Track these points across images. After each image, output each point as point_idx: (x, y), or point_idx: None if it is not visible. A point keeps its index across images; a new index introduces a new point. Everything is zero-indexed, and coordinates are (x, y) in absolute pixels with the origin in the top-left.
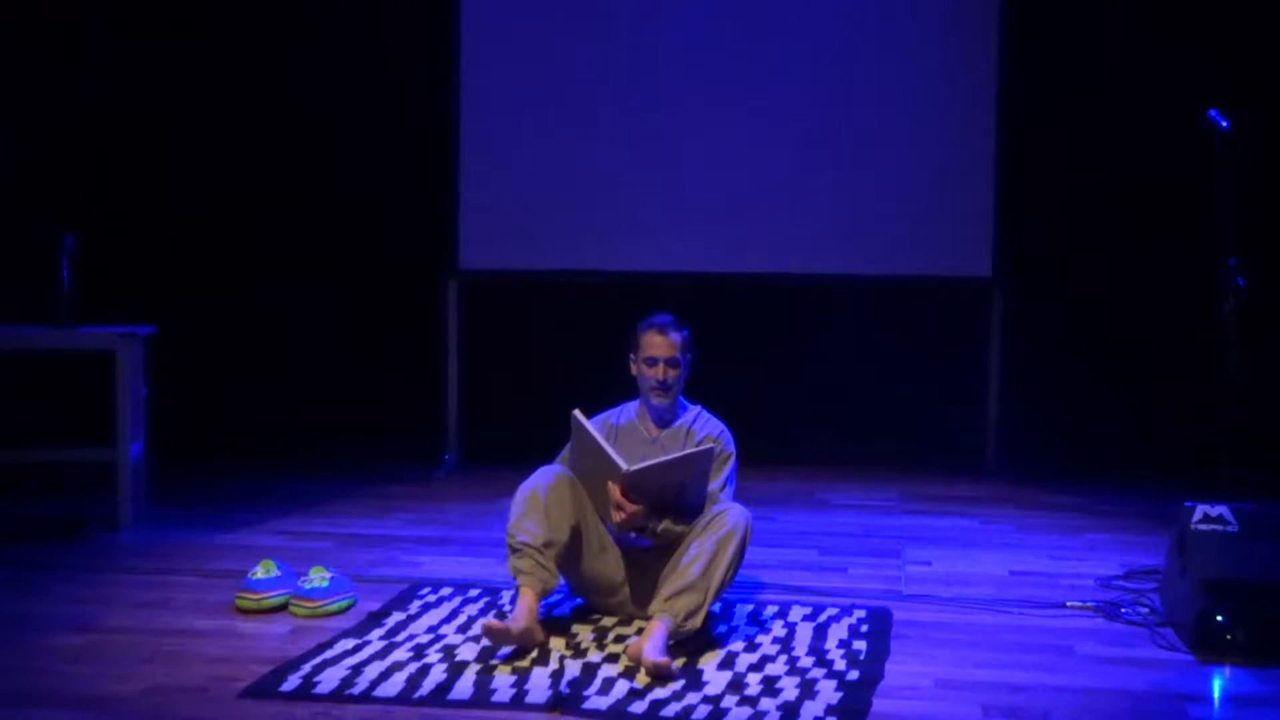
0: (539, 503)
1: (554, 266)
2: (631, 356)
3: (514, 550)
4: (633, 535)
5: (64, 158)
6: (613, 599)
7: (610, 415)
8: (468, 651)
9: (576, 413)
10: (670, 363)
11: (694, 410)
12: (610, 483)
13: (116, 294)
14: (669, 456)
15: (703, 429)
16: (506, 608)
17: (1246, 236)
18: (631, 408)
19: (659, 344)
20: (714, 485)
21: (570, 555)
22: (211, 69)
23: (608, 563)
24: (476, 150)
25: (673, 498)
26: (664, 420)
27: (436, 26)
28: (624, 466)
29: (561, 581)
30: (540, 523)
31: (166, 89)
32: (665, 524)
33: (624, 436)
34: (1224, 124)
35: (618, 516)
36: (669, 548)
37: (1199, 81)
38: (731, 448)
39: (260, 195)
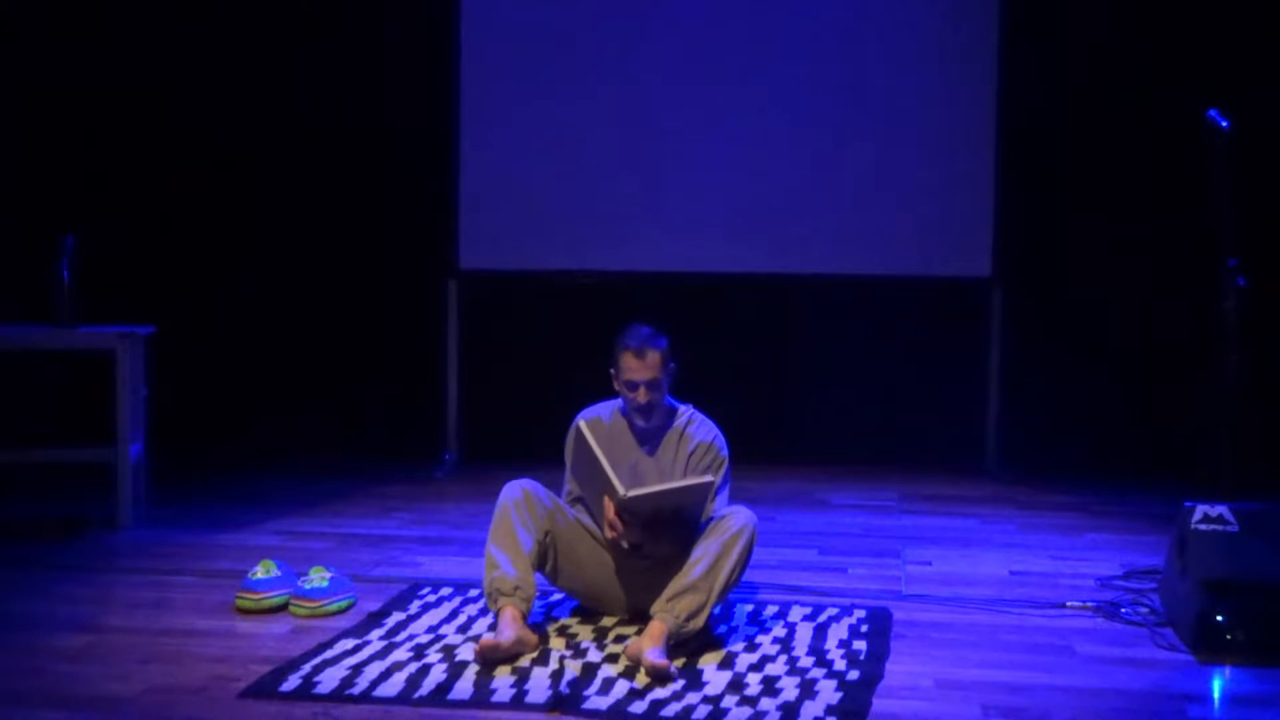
0: (510, 526)
1: (554, 266)
2: (612, 372)
3: (490, 584)
4: (626, 548)
5: (65, 157)
6: (609, 601)
7: (602, 411)
8: (468, 651)
9: (582, 424)
10: (651, 385)
11: (684, 412)
12: (607, 498)
13: (116, 294)
14: (667, 485)
15: (696, 435)
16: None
17: (1246, 236)
18: (622, 408)
19: (636, 368)
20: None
21: (553, 565)
22: (210, 67)
23: (600, 566)
24: (476, 150)
25: (665, 521)
26: (650, 437)
27: (436, 26)
28: (621, 490)
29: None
30: (512, 552)
31: (166, 89)
32: (656, 548)
33: (614, 437)
34: (1224, 124)
35: (610, 534)
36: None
37: (1199, 81)
38: (725, 453)
39: (260, 196)
